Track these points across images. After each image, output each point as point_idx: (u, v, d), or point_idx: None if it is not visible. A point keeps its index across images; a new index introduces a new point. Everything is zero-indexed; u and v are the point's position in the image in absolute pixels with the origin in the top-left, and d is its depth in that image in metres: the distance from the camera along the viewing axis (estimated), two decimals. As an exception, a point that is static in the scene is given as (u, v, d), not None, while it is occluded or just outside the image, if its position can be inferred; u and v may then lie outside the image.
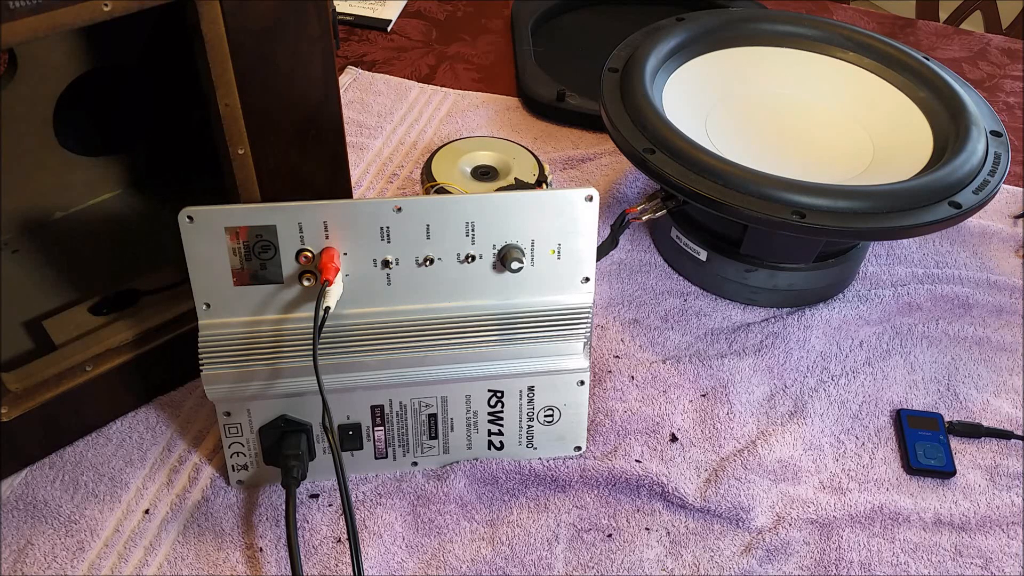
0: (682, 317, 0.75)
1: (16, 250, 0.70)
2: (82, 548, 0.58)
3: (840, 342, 0.73)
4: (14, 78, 0.65)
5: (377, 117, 0.95)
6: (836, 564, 0.59)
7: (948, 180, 0.66)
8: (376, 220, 0.55)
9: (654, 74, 0.76)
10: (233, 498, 0.61)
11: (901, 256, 0.82)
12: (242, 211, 0.53)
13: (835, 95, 0.80)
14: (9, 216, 0.70)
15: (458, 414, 0.61)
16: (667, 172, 0.67)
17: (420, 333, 0.57)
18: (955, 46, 1.14)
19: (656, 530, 0.60)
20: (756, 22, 0.84)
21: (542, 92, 0.96)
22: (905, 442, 0.65)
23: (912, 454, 0.64)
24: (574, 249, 0.57)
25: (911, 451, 0.64)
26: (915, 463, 0.64)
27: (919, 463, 0.64)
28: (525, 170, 0.81)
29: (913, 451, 0.64)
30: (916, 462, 0.64)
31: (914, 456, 0.64)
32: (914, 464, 0.64)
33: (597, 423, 0.66)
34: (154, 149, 0.76)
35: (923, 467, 0.64)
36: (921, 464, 0.64)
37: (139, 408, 0.66)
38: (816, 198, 0.64)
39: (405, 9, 1.14)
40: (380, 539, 0.59)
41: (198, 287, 0.55)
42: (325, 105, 0.60)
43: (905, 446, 0.65)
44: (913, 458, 0.64)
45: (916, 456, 0.64)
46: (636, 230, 0.83)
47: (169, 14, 0.53)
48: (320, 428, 0.59)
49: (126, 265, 0.69)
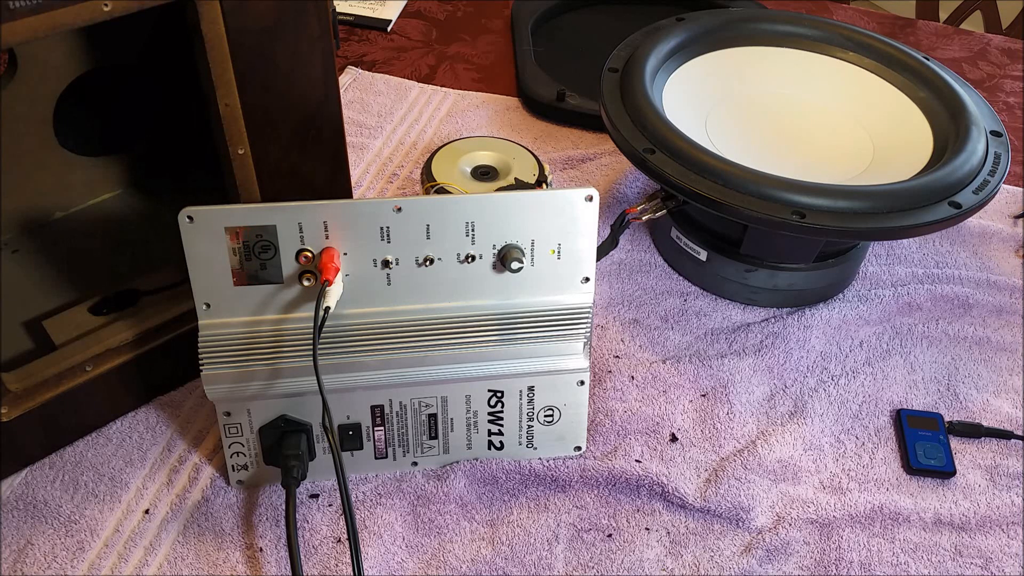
0: (682, 317, 0.75)
1: (16, 250, 0.70)
2: (82, 548, 0.58)
3: (840, 342, 0.73)
4: (14, 78, 0.65)
5: (377, 117, 0.95)
6: (836, 564, 0.59)
7: (948, 180, 0.66)
8: (376, 220, 0.55)
9: (654, 74, 0.76)
10: (233, 498, 0.61)
11: (901, 256, 0.82)
12: (242, 211, 0.53)
13: (835, 95, 0.80)
14: (9, 216, 0.70)
15: (458, 414, 0.61)
16: (667, 172, 0.67)
17: (420, 333, 0.57)
18: (955, 46, 1.14)
19: (656, 530, 0.60)
20: (756, 22, 0.84)
21: (542, 92, 0.96)
22: (905, 442, 0.65)
23: (912, 454, 0.64)
24: (574, 249, 0.57)
25: (911, 451, 0.64)
26: (915, 463, 0.64)
27: (919, 463, 0.64)
28: (525, 170, 0.81)
29: (913, 451, 0.64)
30: (916, 462, 0.64)
31: (914, 456, 0.64)
32: (914, 464, 0.64)
33: (597, 423, 0.66)
34: (154, 149, 0.76)
35: (923, 467, 0.64)
36: (921, 464, 0.64)
37: (139, 408, 0.66)
38: (816, 198, 0.64)
39: (405, 9, 1.14)
40: (380, 539, 0.59)
41: (198, 287, 0.55)
42: (325, 105, 0.60)
43: (905, 446, 0.65)
44: (913, 458, 0.64)
45: (916, 456, 0.64)
46: (636, 230, 0.83)
47: (169, 14, 0.53)
48: (320, 428, 0.59)
49: (126, 265, 0.69)
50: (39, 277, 0.68)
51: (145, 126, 0.75)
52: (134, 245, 0.71)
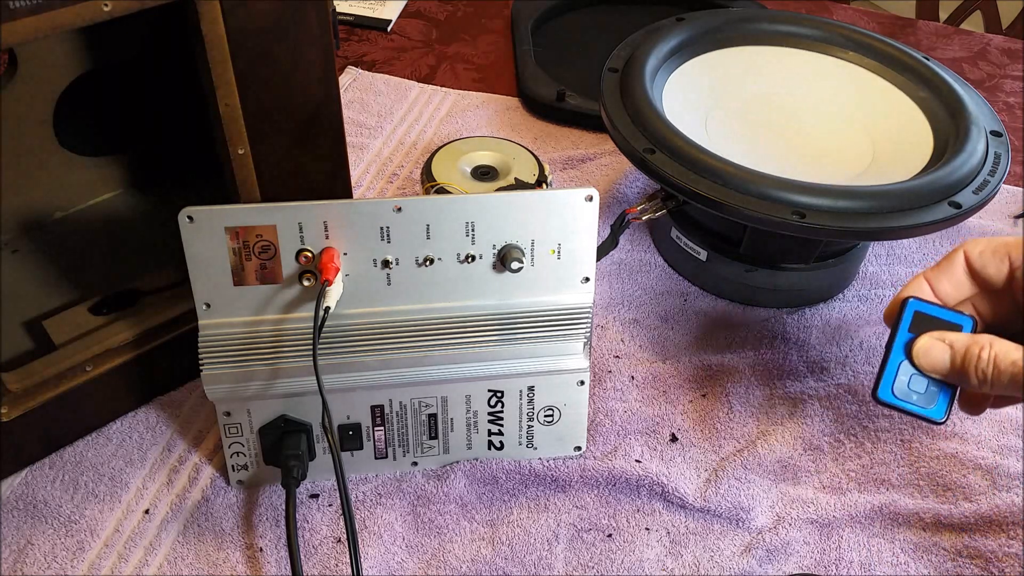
0: (682, 317, 0.75)
1: (16, 250, 0.70)
2: (82, 548, 0.58)
3: (840, 342, 0.73)
4: (14, 78, 0.65)
5: (377, 117, 0.95)
6: (836, 564, 0.59)
7: (948, 180, 0.66)
8: (376, 220, 0.55)
9: (654, 74, 0.76)
10: (233, 498, 0.61)
11: (901, 256, 0.82)
12: (242, 211, 0.53)
13: (835, 95, 0.80)
14: (9, 216, 0.70)
15: (458, 414, 0.61)
16: (667, 172, 0.67)
17: (420, 333, 0.57)
18: (955, 46, 1.14)
19: (656, 530, 0.60)
20: (756, 22, 0.84)
21: (542, 92, 0.96)
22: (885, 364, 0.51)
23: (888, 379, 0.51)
24: (574, 249, 0.57)
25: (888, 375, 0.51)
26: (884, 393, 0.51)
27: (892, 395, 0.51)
28: (525, 170, 0.81)
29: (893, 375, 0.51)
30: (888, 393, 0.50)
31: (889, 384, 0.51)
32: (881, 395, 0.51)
33: (597, 423, 0.66)
34: (154, 149, 0.76)
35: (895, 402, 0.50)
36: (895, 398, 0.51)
37: (139, 408, 0.66)
38: (816, 198, 0.64)
39: (405, 9, 1.14)
40: (380, 539, 0.59)
41: (198, 287, 0.55)
42: (325, 105, 0.60)
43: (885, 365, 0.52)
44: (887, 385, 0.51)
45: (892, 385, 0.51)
46: (636, 230, 0.83)
47: (169, 14, 0.53)
48: (320, 428, 0.59)
49: (126, 265, 0.69)
50: (39, 277, 0.68)
51: (145, 126, 0.75)
52: (134, 245, 0.71)
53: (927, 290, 0.53)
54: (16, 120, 0.67)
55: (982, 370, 0.48)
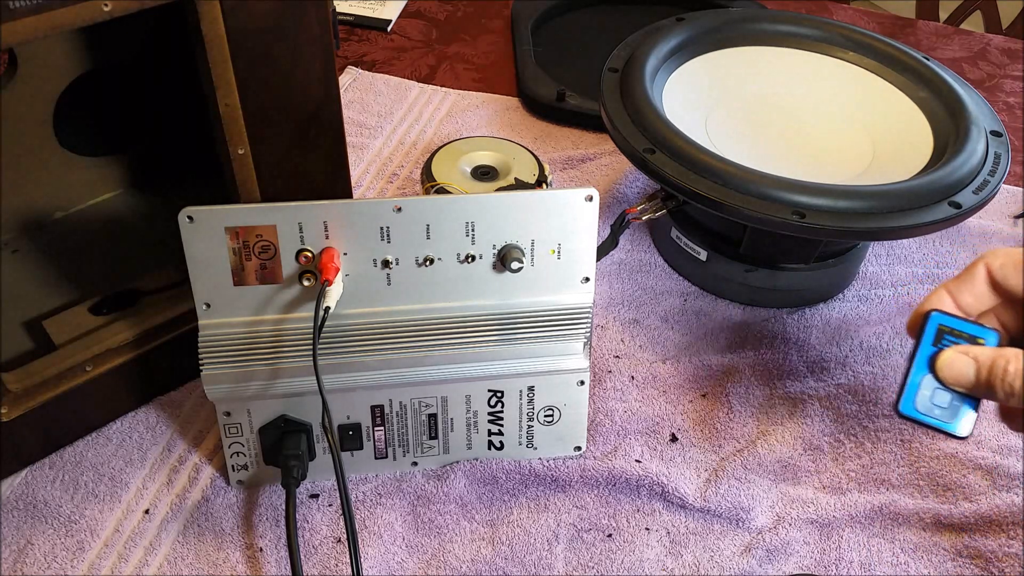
0: (682, 317, 0.75)
1: (16, 250, 0.70)
2: (82, 548, 0.58)
3: (840, 342, 0.73)
4: (14, 78, 0.65)
5: (377, 117, 0.95)
6: (836, 564, 0.59)
7: (948, 180, 0.66)
8: (376, 220, 0.55)
9: (654, 74, 0.76)
10: (233, 498, 0.61)
11: (901, 256, 0.82)
12: (242, 211, 0.53)
13: (835, 95, 0.80)
14: (9, 216, 0.70)
15: (458, 414, 0.61)
16: (667, 172, 0.67)
17: (420, 333, 0.57)
18: (955, 46, 1.14)
19: (656, 530, 0.60)
20: (756, 22, 0.84)
21: (542, 92, 0.96)
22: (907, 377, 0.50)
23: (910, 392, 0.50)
24: (574, 249, 0.57)
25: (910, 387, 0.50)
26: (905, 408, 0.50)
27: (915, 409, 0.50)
28: (525, 170, 0.81)
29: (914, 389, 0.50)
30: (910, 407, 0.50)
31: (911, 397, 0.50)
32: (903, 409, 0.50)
33: (597, 423, 0.66)
34: (154, 149, 0.76)
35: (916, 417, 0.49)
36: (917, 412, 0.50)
37: (139, 408, 0.66)
38: (816, 198, 0.64)
39: (405, 9, 1.14)
40: (380, 539, 0.59)
41: (198, 287, 0.55)
42: (325, 105, 0.60)
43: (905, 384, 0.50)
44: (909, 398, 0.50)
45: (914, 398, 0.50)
46: (636, 230, 0.83)
47: (169, 14, 0.53)
48: (320, 428, 0.59)
49: (126, 265, 0.69)
50: (39, 277, 0.68)
51: (145, 126, 0.75)
52: (134, 245, 0.71)
53: (949, 302, 0.52)
54: (16, 120, 0.67)
55: (1009, 383, 0.48)
